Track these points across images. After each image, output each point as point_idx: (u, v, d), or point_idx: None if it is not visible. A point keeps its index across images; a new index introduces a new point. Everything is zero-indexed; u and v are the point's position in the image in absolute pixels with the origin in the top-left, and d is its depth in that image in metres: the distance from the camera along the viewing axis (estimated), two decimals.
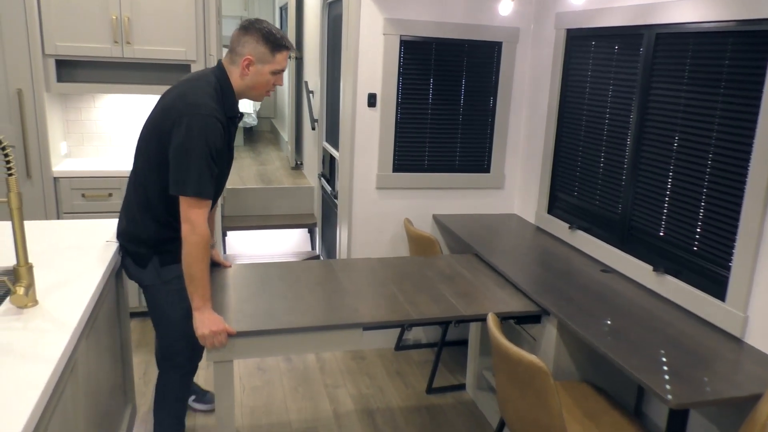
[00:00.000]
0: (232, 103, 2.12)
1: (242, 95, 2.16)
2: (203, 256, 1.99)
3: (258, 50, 2.06)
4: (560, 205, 3.24)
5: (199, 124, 1.96)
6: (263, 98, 2.22)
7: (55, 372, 1.39)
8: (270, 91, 2.18)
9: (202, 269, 2.00)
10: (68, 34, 3.41)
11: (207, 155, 1.97)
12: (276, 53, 2.07)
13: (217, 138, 2.00)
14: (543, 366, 1.76)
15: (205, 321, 2.00)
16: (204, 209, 1.99)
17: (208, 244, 2.01)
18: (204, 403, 2.90)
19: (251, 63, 2.07)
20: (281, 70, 2.13)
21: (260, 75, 2.09)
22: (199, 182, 1.96)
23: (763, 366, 1.91)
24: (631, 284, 2.56)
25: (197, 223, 1.98)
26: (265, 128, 9.03)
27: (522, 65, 3.48)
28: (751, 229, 2.03)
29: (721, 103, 2.19)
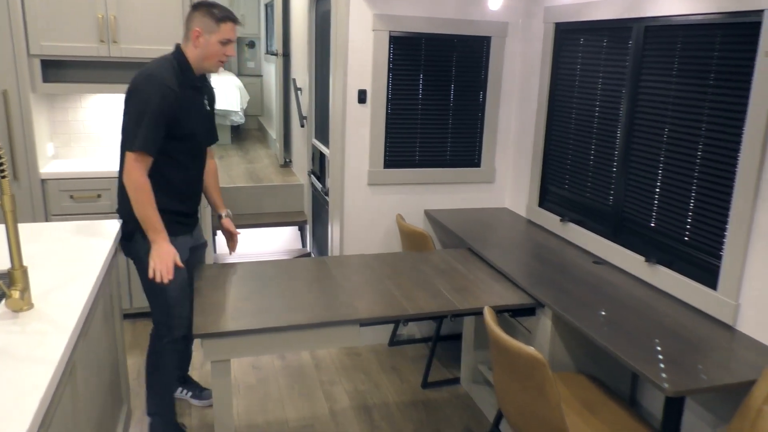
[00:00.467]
0: (191, 75, 2.38)
1: (199, 67, 2.40)
2: (147, 200, 2.27)
3: (204, 22, 2.32)
4: (551, 198, 3.26)
5: (147, 89, 2.24)
6: (218, 68, 2.44)
7: (56, 373, 1.38)
8: (222, 61, 2.40)
9: (147, 210, 2.28)
10: (54, 33, 3.37)
11: (154, 116, 2.23)
12: (220, 24, 2.32)
13: (162, 98, 2.24)
14: (541, 358, 1.78)
15: (161, 252, 2.29)
16: (142, 163, 2.26)
17: (143, 188, 2.26)
18: (201, 399, 2.93)
19: (200, 34, 2.33)
20: (229, 39, 2.37)
21: (210, 45, 2.34)
22: (143, 139, 2.23)
23: (755, 352, 1.94)
24: (623, 275, 2.59)
25: (132, 172, 2.26)
26: (253, 126, 8.99)
27: (511, 59, 3.50)
28: (741, 219, 2.06)
29: (710, 95, 2.22)
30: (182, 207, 2.47)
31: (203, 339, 2.06)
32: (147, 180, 2.27)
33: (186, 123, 2.35)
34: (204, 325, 2.07)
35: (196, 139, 2.45)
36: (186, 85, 2.34)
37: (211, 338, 2.05)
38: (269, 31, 7.43)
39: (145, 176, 2.27)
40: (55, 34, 3.37)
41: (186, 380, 2.98)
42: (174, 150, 2.35)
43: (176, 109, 2.28)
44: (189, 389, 2.96)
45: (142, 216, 2.29)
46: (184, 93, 2.33)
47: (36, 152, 3.40)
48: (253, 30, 8.82)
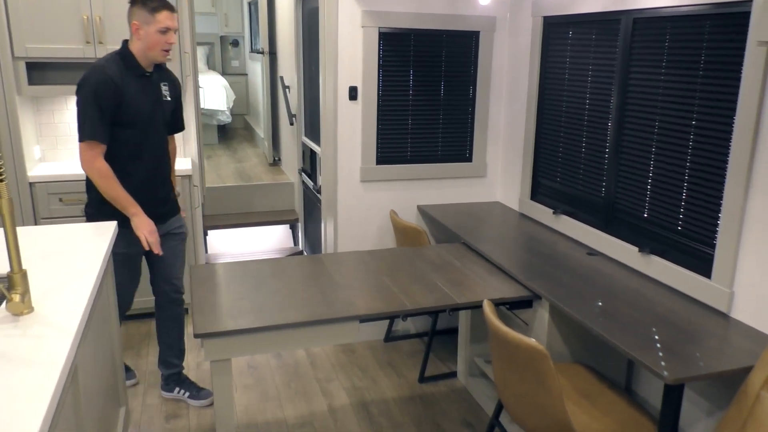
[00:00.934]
0: (136, 66, 2.53)
1: (144, 58, 2.53)
2: (109, 183, 2.47)
3: (140, 15, 2.45)
4: (543, 190, 3.29)
5: (87, 81, 2.42)
6: (164, 56, 2.55)
7: (61, 376, 1.37)
8: (166, 50, 2.52)
9: (115, 191, 2.48)
10: (38, 35, 3.33)
11: (96, 105, 2.41)
12: (155, 13, 2.44)
13: (104, 88, 2.41)
14: (542, 349, 1.79)
15: (140, 225, 2.53)
16: (94, 151, 2.45)
17: (106, 174, 2.46)
18: (199, 399, 2.93)
19: (139, 27, 2.46)
20: (167, 28, 2.48)
21: (149, 36, 2.46)
22: (91, 128, 2.43)
23: (751, 339, 1.98)
24: (617, 266, 2.62)
25: (90, 161, 2.46)
26: (239, 125, 8.94)
27: (500, 54, 3.51)
28: (734, 207, 2.09)
29: (700, 85, 2.24)
30: (139, 198, 2.57)
31: (203, 339, 2.06)
32: (107, 165, 2.46)
33: (130, 110, 2.49)
34: (203, 325, 2.07)
35: (145, 125, 2.57)
36: (131, 75, 2.50)
37: (211, 338, 2.05)
38: (253, 29, 7.39)
39: (104, 162, 2.46)
40: (39, 36, 3.33)
41: (183, 380, 2.98)
42: (124, 136, 2.52)
43: (118, 96, 2.44)
44: (186, 389, 2.95)
45: (112, 199, 2.49)
46: (129, 82, 2.49)
47: (23, 155, 3.36)
48: (236, 29, 8.77)
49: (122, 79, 2.46)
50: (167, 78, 2.72)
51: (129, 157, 2.55)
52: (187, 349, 3.18)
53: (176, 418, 2.84)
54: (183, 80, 3.68)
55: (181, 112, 2.86)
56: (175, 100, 2.76)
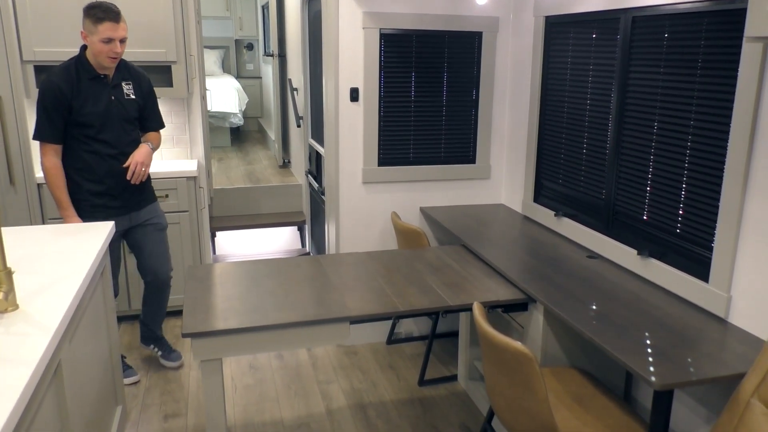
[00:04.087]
0: (88, 69, 2.71)
1: (97, 63, 2.71)
2: (53, 181, 2.71)
3: (86, 25, 2.63)
4: (546, 193, 3.25)
5: (40, 88, 2.66)
6: (111, 63, 2.71)
7: (34, 375, 1.38)
8: (111, 57, 2.67)
9: (52, 188, 2.73)
10: (45, 39, 3.39)
11: (44, 108, 2.64)
12: (98, 24, 2.59)
13: (52, 94, 2.63)
14: (528, 352, 1.77)
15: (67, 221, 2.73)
16: (45, 148, 2.70)
17: (53, 173, 2.71)
18: (170, 360, 3.26)
19: (86, 36, 2.65)
20: (110, 38, 2.62)
21: (94, 44, 2.64)
22: (37, 129, 2.68)
23: (746, 345, 1.92)
24: (616, 269, 2.57)
25: (41, 158, 2.72)
26: (253, 128, 9.00)
27: (503, 55, 3.49)
28: (731, 210, 2.04)
29: (698, 84, 2.20)
30: (104, 189, 2.80)
31: (192, 339, 2.06)
32: (53, 163, 2.70)
33: (83, 110, 2.69)
34: (193, 325, 2.07)
35: (101, 123, 2.74)
36: (84, 78, 2.70)
37: (200, 338, 2.05)
38: (266, 32, 7.44)
39: (51, 160, 2.70)
40: (47, 40, 3.39)
41: (158, 338, 3.29)
42: (80, 135, 2.72)
43: (64, 101, 2.64)
44: (160, 348, 3.30)
45: (53, 195, 2.74)
46: (82, 85, 2.69)
47: (32, 157, 3.42)
48: (251, 32, 8.84)
49: (72, 83, 2.67)
50: (132, 76, 2.88)
51: (87, 151, 2.75)
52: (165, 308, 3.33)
53: (174, 417, 2.86)
54: (189, 83, 3.71)
55: (154, 108, 3.01)
56: (143, 97, 2.91)
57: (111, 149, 2.79)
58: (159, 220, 3.05)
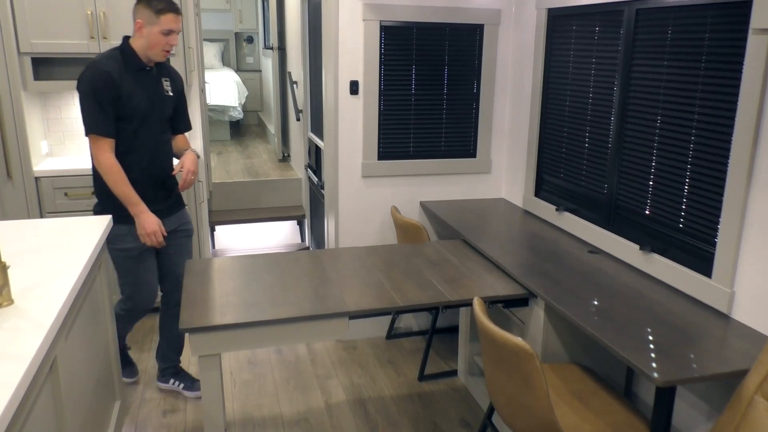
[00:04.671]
0: (135, 60, 2.54)
1: (147, 56, 2.54)
2: (118, 178, 2.49)
3: (145, 14, 2.46)
4: (547, 187, 3.22)
5: (87, 75, 2.45)
6: (164, 57, 2.57)
7: (30, 369, 1.36)
8: (167, 50, 2.54)
9: (121, 187, 2.50)
10: (43, 31, 3.36)
11: (96, 99, 2.43)
12: (160, 15, 2.45)
13: (102, 83, 2.43)
14: (528, 348, 1.75)
15: (143, 224, 2.54)
16: (101, 143, 2.48)
17: (115, 170, 2.49)
18: (194, 390, 2.97)
19: (142, 26, 2.48)
20: (170, 30, 2.49)
21: (152, 35, 2.48)
22: (92, 122, 2.45)
23: (749, 341, 1.90)
24: (618, 264, 2.55)
25: (96, 155, 2.49)
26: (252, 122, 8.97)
27: (505, 47, 3.46)
28: (735, 204, 2.02)
29: (702, 77, 2.17)
30: (141, 187, 2.58)
31: (190, 333, 2.05)
32: (113, 160, 2.49)
33: (128, 104, 2.50)
34: (190, 320, 2.06)
35: (141, 119, 2.56)
36: (129, 70, 2.51)
37: (197, 332, 2.03)
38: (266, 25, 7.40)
39: (110, 157, 2.48)
40: (44, 31, 3.36)
41: (178, 372, 3.00)
42: (124, 130, 2.53)
43: (114, 90, 2.45)
44: (181, 381, 2.99)
45: (119, 194, 2.51)
46: (128, 76, 2.50)
47: (29, 150, 3.39)
48: (251, 25, 8.80)
49: (119, 73, 2.47)
50: (168, 73, 2.72)
51: (124, 150, 2.55)
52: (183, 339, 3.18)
53: (173, 413, 2.84)
54: (187, 76, 3.68)
55: (184, 109, 2.84)
56: (177, 95, 2.76)
57: (148, 149, 2.61)
58: (189, 227, 2.87)
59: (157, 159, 2.67)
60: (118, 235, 2.58)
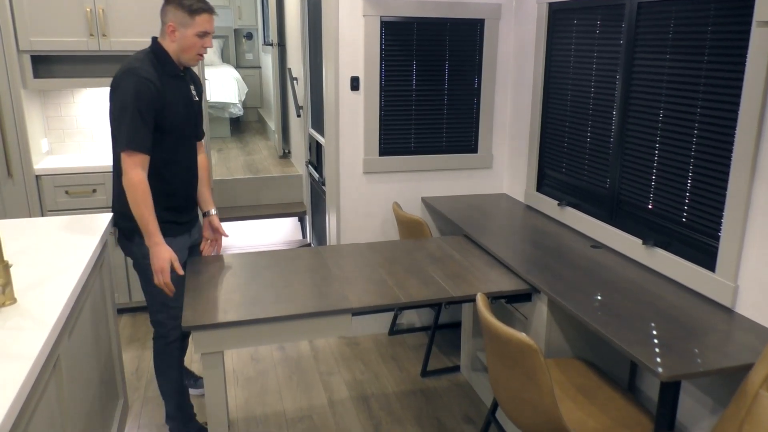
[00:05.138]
0: (171, 65, 2.31)
1: (179, 60, 2.34)
2: (140, 200, 2.20)
3: (177, 16, 2.26)
4: (549, 182, 3.22)
5: (128, 84, 2.18)
6: (197, 60, 2.37)
7: (33, 368, 1.36)
8: (201, 53, 2.35)
9: (141, 210, 2.21)
10: (42, 28, 3.35)
11: (138, 111, 2.17)
12: (195, 16, 2.26)
13: (145, 93, 2.18)
14: (532, 343, 1.74)
15: (154, 257, 2.25)
16: (136, 159, 2.20)
17: (141, 187, 2.20)
18: (197, 388, 2.93)
19: (175, 29, 2.27)
20: (206, 32, 2.30)
21: (186, 38, 2.27)
22: (130, 136, 2.17)
23: (754, 335, 1.90)
24: (621, 259, 2.55)
25: (127, 170, 2.20)
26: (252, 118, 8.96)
27: (506, 42, 3.44)
28: (738, 198, 2.01)
29: (705, 71, 2.16)
30: (175, 203, 2.40)
31: (193, 331, 2.04)
32: (142, 178, 2.20)
33: (170, 113, 2.28)
34: (193, 318, 2.05)
35: (183, 129, 2.37)
36: (167, 75, 2.29)
37: (201, 330, 2.03)
38: (265, 21, 7.38)
39: (140, 174, 2.20)
40: (43, 29, 3.35)
41: None
42: (160, 143, 2.28)
43: (158, 100, 2.22)
44: (188, 377, 2.95)
45: (138, 215, 2.23)
46: (166, 83, 2.27)
47: (29, 148, 3.39)
48: (250, 21, 8.77)
49: (160, 80, 2.24)
50: (192, 77, 2.52)
51: (166, 161, 2.33)
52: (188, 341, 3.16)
53: None
54: None
55: (202, 115, 2.62)
56: (200, 101, 2.56)
57: (186, 159, 2.42)
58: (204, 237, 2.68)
59: (192, 168, 2.49)
60: None
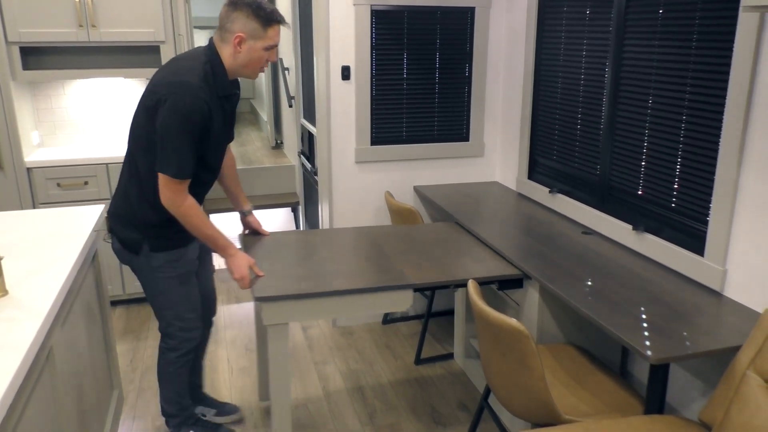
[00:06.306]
0: (223, 83, 2.09)
1: (235, 73, 2.13)
2: (199, 223, 2.09)
3: (249, 26, 2.02)
4: (540, 169, 3.23)
5: (181, 104, 1.95)
6: (257, 76, 2.18)
7: (25, 360, 1.36)
8: (263, 67, 2.15)
9: (206, 229, 2.11)
10: (31, 19, 3.32)
11: (189, 135, 1.98)
12: (268, 28, 2.04)
13: (199, 117, 1.99)
14: (523, 329, 1.76)
15: (233, 267, 2.17)
16: (182, 186, 2.04)
17: (196, 212, 2.08)
18: (225, 415, 2.67)
19: (243, 40, 2.03)
20: (274, 45, 2.09)
21: (253, 51, 2.06)
22: (179, 163, 1.99)
23: (742, 318, 1.92)
24: (611, 245, 2.57)
25: (174, 198, 2.04)
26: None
27: (497, 30, 3.44)
28: (726, 183, 2.03)
29: (693, 57, 2.17)
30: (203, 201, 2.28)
31: (263, 302, 2.09)
32: (192, 202, 2.07)
33: (211, 136, 2.10)
34: (264, 289, 2.12)
35: (216, 148, 2.18)
36: (216, 96, 2.07)
37: (270, 302, 2.09)
38: None
39: (189, 199, 2.07)
40: (32, 20, 3.32)
41: (204, 398, 2.68)
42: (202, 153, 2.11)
43: (209, 122, 2.05)
44: (210, 406, 2.68)
45: (204, 238, 2.13)
46: (214, 104, 2.06)
47: (20, 141, 3.37)
48: None
49: (211, 101, 2.04)
50: (237, 85, 2.28)
51: (194, 182, 2.13)
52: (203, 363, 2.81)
53: None
54: None
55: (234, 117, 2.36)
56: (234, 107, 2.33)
57: (213, 174, 2.25)
58: None
59: (215, 173, 2.29)
60: (172, 261, 2.19)
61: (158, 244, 2.16)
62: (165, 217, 2.11)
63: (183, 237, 2.20)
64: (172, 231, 2.16)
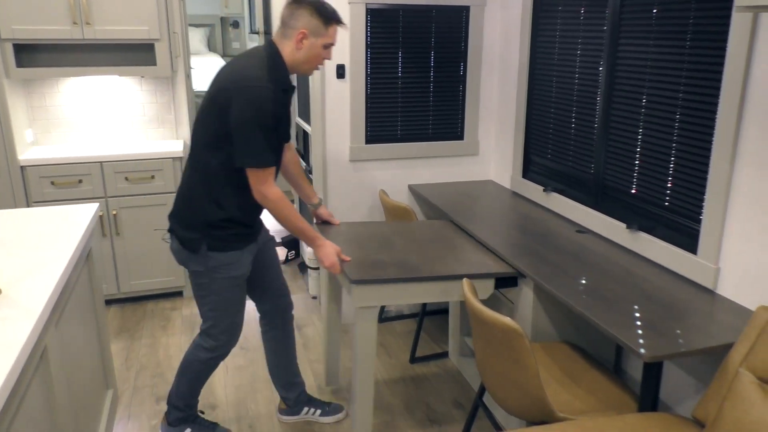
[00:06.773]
0: (284, 77, 2.17)
1: (294, 69, 2.19)
2: (288, 214, 2.17)
3: (312, 23, 2.10)
4: (535, 168, 3.23)
5: (252, 98, 2.03)
6: (312, 72, 2.26)
7: (19, 359, 1.36)
8: (320, 65, 2.22)
9: (297, 221, 2.20)
10: (24, 16, 3.31)
11: (263, 126, 2.06)
12: (328, 26, 2.13)
13: (270, 108, 2.06)
14: (517, 327, 1.76)
15: (322, 256, 2.27)
16: (268, 176, 2.12)
17: (284, 204, 2.16)
18: (331, 414, 2.70)
19: (305, 36, 2.11)
20: (333, 43, 2.17)
21: (314, 48, 2.14)
22: (259, 154, 2.07)
23: (735, 315, 1.93)
24: (605, 243, 2.58)
25: (263, 190, 2.12)
26: None
27: (491, 29, 3.44)
28: (719, 182, 2.04)
29: (687, 56, 2.18)
30: (254, 215, 2.28)
31: (356, 285, 2.18)
32: (280, 194, 2.14)
33: (278, 130, 2.15)
34: (357, 272, 2.22)
35: (280, 144, 2.22)
36: (279, 88, 2.12)
37: (363, 285, 2.20)
38: (252, 9, 7.32)
39: (276, 190, 2.13)
40: (26, 17, 3.31)
41: (310, 399, 2.70)
42: None
43: (276, 115, 2.10)
44: (315, 407, 2.70)
45: (294, 230, 2.21)
46: (279, 97, 2.12)
47: (13, 139, 3.36)
48: (236, 10, 8.69)
49: (276, 92, 2.10)
50: None
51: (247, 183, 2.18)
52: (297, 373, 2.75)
53: None
54: (173, 61, 3.65)
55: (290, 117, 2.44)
56: None
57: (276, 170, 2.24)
58: (272, 235, 2.54)
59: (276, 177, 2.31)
60: (228, 264, 2.22)
61: (216, 245, 2.19)
62: (228, 215, 2.18)
63: (240, 240, 2.24)
64: (230, 233, 2.20)
